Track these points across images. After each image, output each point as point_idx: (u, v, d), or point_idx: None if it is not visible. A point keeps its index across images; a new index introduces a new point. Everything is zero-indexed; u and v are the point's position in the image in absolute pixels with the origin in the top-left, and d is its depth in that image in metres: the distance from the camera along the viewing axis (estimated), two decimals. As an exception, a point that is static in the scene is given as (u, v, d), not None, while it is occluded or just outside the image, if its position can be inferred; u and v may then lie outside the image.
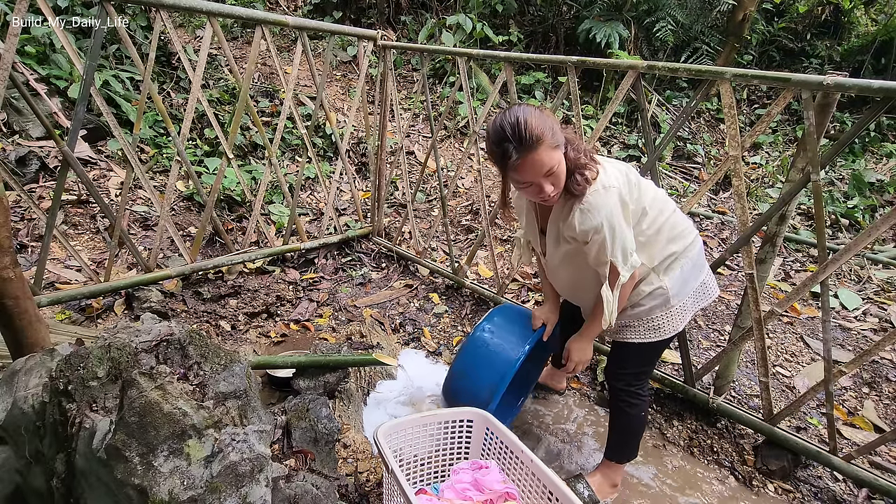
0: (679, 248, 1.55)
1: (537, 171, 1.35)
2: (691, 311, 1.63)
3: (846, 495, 1.86)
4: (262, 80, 4.69)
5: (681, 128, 4.76)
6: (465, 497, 1.51)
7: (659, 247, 1.53)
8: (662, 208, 1.53)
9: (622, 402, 1.70)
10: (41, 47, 3.49)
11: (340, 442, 1.85)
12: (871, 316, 2.97)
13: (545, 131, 1.31)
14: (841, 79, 1.49)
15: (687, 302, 1.60)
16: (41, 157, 3.17)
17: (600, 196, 1.38)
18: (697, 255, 1.59)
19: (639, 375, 1.70)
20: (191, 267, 2.72)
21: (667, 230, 1.53)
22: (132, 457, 1.00)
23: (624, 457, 1.77)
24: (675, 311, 1.59)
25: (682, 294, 1.58)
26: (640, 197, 1.48)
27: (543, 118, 1.33)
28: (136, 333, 1.23)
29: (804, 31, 6.36)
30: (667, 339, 1.63)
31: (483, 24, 5.26)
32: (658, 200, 1.53)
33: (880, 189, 4.68)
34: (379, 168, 3.31)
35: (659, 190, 1.58)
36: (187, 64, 2.41)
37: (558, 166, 1.36)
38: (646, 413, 1.73)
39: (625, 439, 1.75)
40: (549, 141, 1.32)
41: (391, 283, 3.20)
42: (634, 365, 1.69)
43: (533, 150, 1.32)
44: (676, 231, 1.55)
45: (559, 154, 1.36)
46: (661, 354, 1.72)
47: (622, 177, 1.44)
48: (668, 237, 1.53)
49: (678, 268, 1.55)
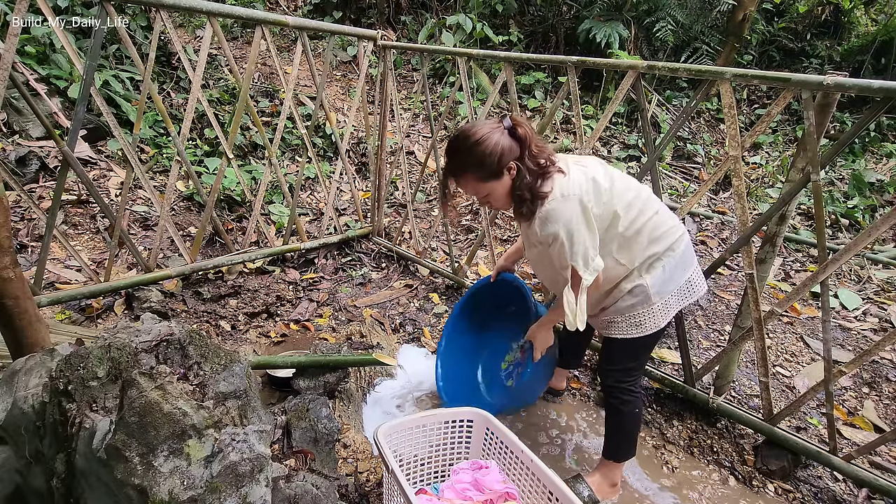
0: (661, 248, 1.55)
1: (467, 190, 1.51)
2: (675, 308, 1.63)
3: (846, 495, 1.86)
4: (262, 80, 4.69)
5: (681, 128, 4.76)
6: (465, 497, 1.51)
7: (639, 248, 1.54)
8: (643, 209, 1.53)
9: (614, 398, 1.71)
10: (41, 47, 3.49)
11: (340, 442, 1.85)
12: (871, 316, 2.97)
13: (471, 166, 1.43)
14: (841, 79, 1.49)
15: (670, 300, 1.61)
16: (41, 157, 3.17)
17: (558, 204, 1.43)
18: (682, 253, 1.59)
19: (628, 372, 1.71)
20: (191, 267, 2.72)
21: (647, 231, 1.54)
22: (132, 457, 1.00)
23: (621, 455, 1.77)
24: (657, 307, 1.59)
25: (664, 292, 1.59)
26: (612, 201, 1.49)
27: (482, 148, 1.41)
28: (136, 333, 1.23)
29: (804, 31, 6.36)
30: (651, 336, 1.63)
31: (483, 24, 5.26)
32: (638, 202, 1.53)
33: (880, 189, 4.69)
34: (379, 168, 3.31)
35: (642, 190, 1.58)
36: (187, 64, 2.41)
37: (490, 194, 1.48)
38: (640, 411, 1.73)
39: (620, 437, 1.75)
40: (474, 174, 1.45)
41: (391, 283, 3.20)
42: (621, 361, 1.71)
43: (458, 176, 1.48)
44: (659, 232, 1.55)
45: (491, 185, 1.46)
46: (649, 351, 1.73)
47: (587, 183, 1.46)
48: (650, 238, 1.54)
49: (660, 267, 1.56)
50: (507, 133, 1.44)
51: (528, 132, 1.46)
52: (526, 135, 1.45)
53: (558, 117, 5.41)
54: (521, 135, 1.45)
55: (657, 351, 2.54)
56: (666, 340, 2.63)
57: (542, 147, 1.47)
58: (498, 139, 1.42)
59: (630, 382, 1.70)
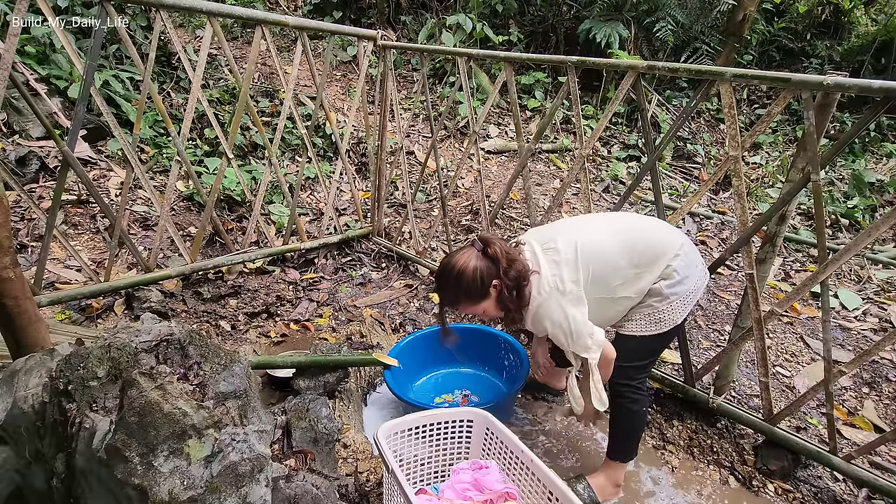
0: (661, 267, 1.61)
1: (464, 312, 1.77)
2: (692, 302, 1.67)
3: (846, 495, 1.86)
4: (262, 80, 4.69)
5: (681, 128, 4.76)
6: (465, 497, 1.51)
7: (643, 281, 1.61)
8: (632, 246, 1.60)
9: (624, 398, 1.70)
10: (41, 47, 3.49)
11: (340, 442, 1.85)
12: (871, 316, 2.97)
13: (461, 296, 1.62)
14: (841, 79, 1.49)
15: (688, 296, 1.64)
16: (41, 157, 3.17)
17: (539, 303, 1.58)
18: (686, 256, 1.63)
19: (641, 369, 1.71)
20: (191, 267, 2.72)
21: (645, 263, 1.60)
22: (132, 457, 1.00)
23: (627, 455, 1.77)
24: (675, 303, 1.62)
25: (680, 292, 1.62)
26: (591, 266, 1.58)
27: (465, 278, 1.57)
28: (136, 333, 1.23)
29: (804, 31, 6.36)
30: (669, 332, 1.65)
31: (483, 24, 5.26)
32: (620, 247, 1.60)
33: (880, 189, 4.69)
34: (379, 168, 3.31)
35: (622, 228, 1.65)
36: (187, 64, 2.41)
37: (485, 311, 1.66)
38: (647, 410, 1.74)
39: (627, 437, 1.75)
40: (466, 301, 1.64)
41: (391, 283, 3.20)
42: (637, 358, 1.70)
43: (454, 306, 1.71)
44: (652, 255, 1.60)
45: (482, 305, 1.63)
46: (662, 349, 1.75)
47: (554, 268, 1.58)
48: (648, 267, 1.61)
49: (673, 273, 1.61)
50: (482, 255, 1.60)
51: (498, 249, 1.59)
52: (496, 253, 1.58)
53: (558, 117, 5.41)
54: (493, 253, 1.59)
55: (657, 351, 2.54)
56: (666, 340, 2.63)
57: (512, 257, 1.59)
58: (475, 265, 1.58)
59: (641, 380, 1.70)
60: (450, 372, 2.43)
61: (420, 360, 2.34)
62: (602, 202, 4.45)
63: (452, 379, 2.40)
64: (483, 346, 2.38)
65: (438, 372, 2.42)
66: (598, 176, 4.83)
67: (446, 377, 2.41)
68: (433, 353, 2.35)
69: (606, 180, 4.73)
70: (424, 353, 2.33)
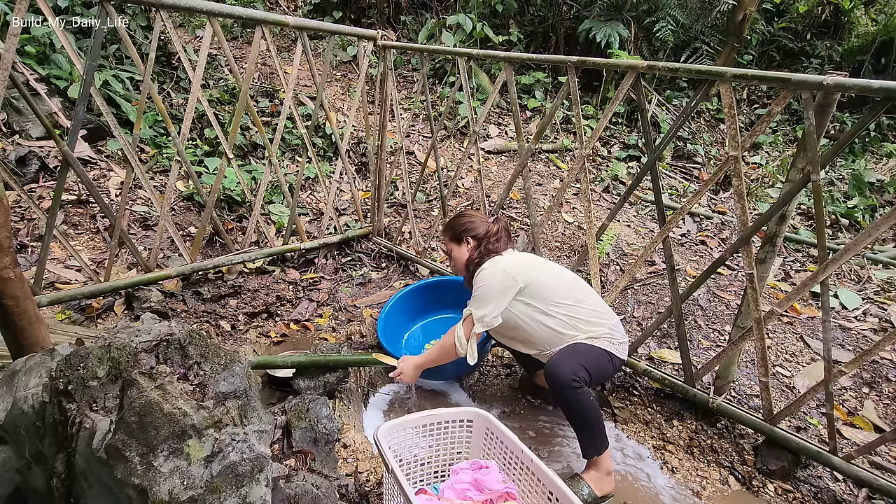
0: (593, 328, 1.84)
1: (444, 242, 2.14)
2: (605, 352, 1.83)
3: (846, 495, 1.86)
4: (262, 80, 4.69)
5: (681, 128, 4.76)
6: (465, 497, 1.51)
7: (571, 327, 1.84)
8: (576, 302, 1.88)
9: (568, 391, 1.70)
10: (41, 47, 3.49)
11: (340, 442, 1.85)
12: (871, 316, 2.97)
13: (447, 231, 2.10)
14: (841, 79, 1.49)
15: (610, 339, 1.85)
16: (41, 157, 3.17)
17: (487, 269, 1.91)
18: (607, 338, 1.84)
19: (577, 370, 1.75)
20: (191, 267, 2.72)
21: (579, 319, 1.86)
22: (132, 457, 1.00)
23: (600, 447, 1.76)
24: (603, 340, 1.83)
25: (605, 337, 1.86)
26: (540, 274, 1.91)
27: (462, 223, 2.06)
28: (136, 333, 1.23)
29: (804, 31, 6.36)
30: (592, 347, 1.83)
31: (483, 24, 5.26)
32: (568, 300, 1.87)
33: (880, 189, 4.69)
34: (379, 168, 3.31)
35: (575, 280, 1.96)
36: (187, 64, 2.41)
37: (452, 252, 2.08)
38: (594, 398, 1.74)
39: (589, 430, 1.74)
40: (448, 235, 2.09)
41: (391, 283, 3.20)
42: (571, 361, 1.80)
43: (442, 232, 2.16)
44: (587, 315, 1.87)
45: (453, 245, 2.08)
46: (592, 357, 1.82)
47: (515, 267, 1.90)
48: (579, 319, 1.85)
49: (607, 334, 1.84)
50: (485, 223, 2.03)
51: (495, 228, 2.01)
52: (490, 230, 2.01)
53: (558, 117, 5.41)
54: (488, 229, 2.01)
55: (657, 351, 2.54)
56: (666, 340, 2.63)
57: (497, 243, 1.99)
58: (473, 221, 2.05)
59: (575, 376, 1.70)
60: (440, 318, 2.71)
61: (410, 312, 2.63)
62: (602, 202, 4.45)
63: (445, 324, 2.50)
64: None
65: (429, 319, 2.70)
66: (598, 176, 4.83)
67: (438, 323, 2.68)
68: (423, 304, 2.66)
69: (606, 180, 4.73)
70: (414, 304, 2.63)
